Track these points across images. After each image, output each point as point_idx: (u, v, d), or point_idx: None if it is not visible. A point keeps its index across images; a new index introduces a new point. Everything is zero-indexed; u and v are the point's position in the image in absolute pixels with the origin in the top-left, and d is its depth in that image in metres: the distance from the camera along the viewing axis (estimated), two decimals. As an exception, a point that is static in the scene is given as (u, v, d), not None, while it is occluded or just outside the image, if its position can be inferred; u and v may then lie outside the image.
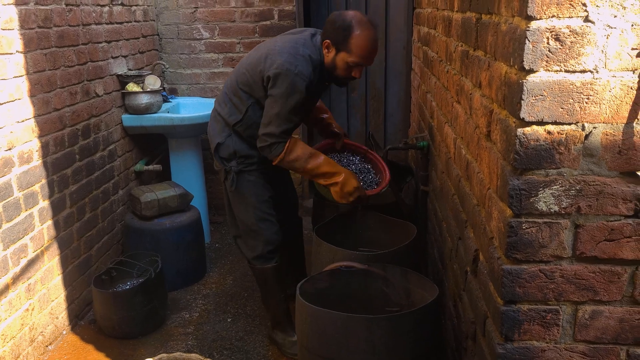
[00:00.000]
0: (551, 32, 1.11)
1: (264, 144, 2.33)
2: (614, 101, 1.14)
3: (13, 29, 2.33)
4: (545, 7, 1.10)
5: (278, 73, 2.23)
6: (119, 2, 3.35)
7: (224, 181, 2.55)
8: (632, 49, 1.11)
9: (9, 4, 2.30)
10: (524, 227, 1.24)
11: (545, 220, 1.23)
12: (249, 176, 2.50)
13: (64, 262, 2.73)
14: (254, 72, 2.35)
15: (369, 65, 2.38)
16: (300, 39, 2.36)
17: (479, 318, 1.52)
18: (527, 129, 1.18)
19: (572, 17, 1.10)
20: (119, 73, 3.33)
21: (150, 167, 3.58)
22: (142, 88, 3.39)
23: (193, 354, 1.99)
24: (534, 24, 1.11)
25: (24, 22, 2.40)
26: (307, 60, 2.28)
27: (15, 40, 2.34)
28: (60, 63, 2.68)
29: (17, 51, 2.35)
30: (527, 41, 1.12)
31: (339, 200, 2.40)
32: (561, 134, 1.17)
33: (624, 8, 1.08)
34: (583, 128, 1.17)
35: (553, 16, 1.11)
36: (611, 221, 1.21)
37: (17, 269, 2.36)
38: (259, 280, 2.68)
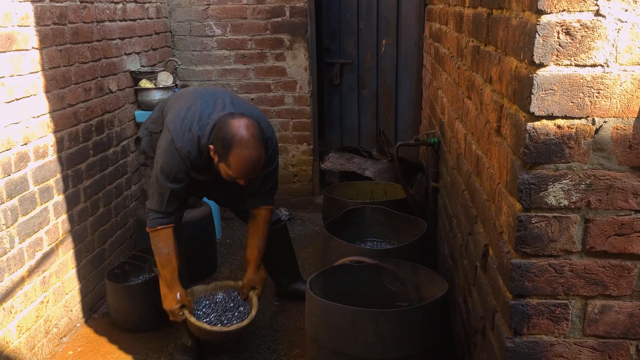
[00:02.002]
0: (561, 26, 1.11)
1: (145, 209, 2.32)
2: (624, 95, 1.14)
3: (29, 26, 2.36)
4: (555, 1, 1.10)
5: (160, 148, 2.19)
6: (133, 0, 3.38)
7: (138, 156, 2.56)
8: (643, 43, 1.11)
9: (25, 1, 2.33)
10: (533, 222, 1.24)
11: (555, 214, 1.23)
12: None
13: (78, 256, 2.77)
14: (161, 118, 2.34)
15: (248, 181, 2.21)
16: (206, 111, 2.23)
17: (489, 312, 1.52)
18: (537, 123, 1.18)
19: (582, 11, 1.10)
20: (132, 69, 3.36)
21: (163, 162, 3.61)
22: (154, 84, 3.42)
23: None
24: (544, 18, 1.12)
25: (40, 19, 2.43)
26: (192, 142, 2.17)
27: (31, 37, 2.37)
28: (74, 59, 2.71)
29: (32, 47, 2.39)
30: (537, 35, 1.12)
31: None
32: (571, 128, 1.17)
33: (635, 2, 1.08)
34: (593, 122, 1.17)
35: (564, 10, 1.11)
36: (621, 216, 1.21)
37: (33, 262, 2.40)
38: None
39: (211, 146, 2.15)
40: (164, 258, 2.33)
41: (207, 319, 2.44)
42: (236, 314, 2.50)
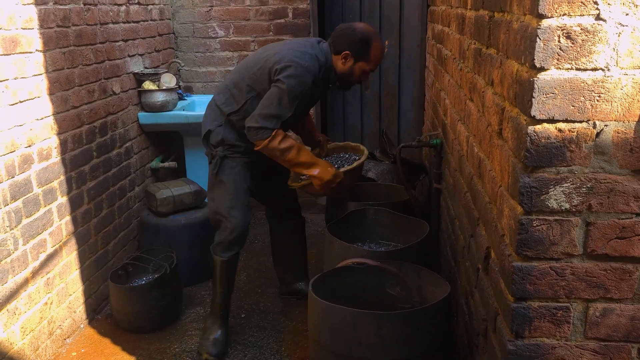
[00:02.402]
0: (562, 30, 1.12)
1: (254, 125, 2.39)
2: (625, 99, 1.14)
3: (33, 29, 2.38)
4: (556, 5, 1.10)
5: (288, 65, 2.36)
6: (136, 1, 3.39)
7: (209, 164, 2.61)
8: (644, 46, 1.11)
9: (28, 4, 2.34)
10: (534, 225, 1.24)
11: (556, 217, 1.23)
12: (232, 162, 2.56)
13: (82, 257, 2.78)
14: (262, 66, 2.45)
15: None
16: (308, 42, 2.56)
17: (490, 315, 1.52)
18: (538, 127, 1.18)
19: (583, 15, 1.10)
20: (136, 71, 3.37)
21: (166, 164, 3.63)
22: (158, 86, 3.43)
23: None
24: (545, 22, 1.12)
25: (44, 22, 2.44)
26: (314, 59, 2.44)
27: (34, 40, 2.39)
28: (78, 61, 2.73)
29: (36, 50, 2.40)
30: (538, 39, 1.13)
31: (321, 191, 2.54)
32: (572, 132, 1.17)
33: (636, 6, 1.08)
34: (594, 126, 1.17)
35: (564, 14, 1.11)
36: (622, 219, 1.22)
37: (37, 264, 2.42)
38: (211, 266, 2.66)
39: (346, 52, 2.47)
40: (294, 148, 2.45)
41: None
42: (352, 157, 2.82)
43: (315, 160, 2.50)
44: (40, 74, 2.43)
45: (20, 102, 2.30)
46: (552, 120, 1.17)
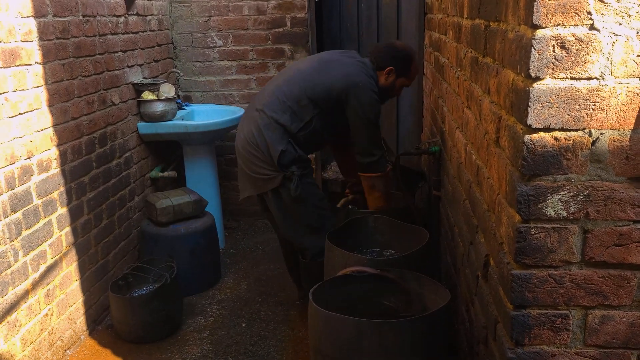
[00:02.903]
0: (557, 40, 1.13)
1: (373, 159, 2.66)
2: (620, 107, 1.15)
3: (32, 41, 2.39)
4: (550, 16, 1.12)
5: (365, 95, 2.59)
6: (135, 12, 3.41)
7: (278, 188, 2.62)
8: (638, 55, 1.12)
9: (28, 17, 2.36)
10: (532, 233, 1.25)
11: (554, 225, 1.24)
12: (308, 179, 2.67)
13: (82, 268, 2.78)
14: (331, 87, 2.60)
15: None
16: (362, 62, 2.71)
17: (490, 322, 1.53)
18: (535, 136, 1.19)
19: (577, 25, 1.12)
20: (135, 81, 3.39)
21: (166, 173, 3.64)
22: (157, 96, 3.45)
23: None
24: (539, 33, 1.13)
25: (43, 34, 2.46)
26: (374, 80, 2.67)
27: (34, 52, 2.40)
28: (77, 73, 2.74)
29: (36, 62, 2.41)
30: (533, 49, 1.14)
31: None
32: (568, 140, 1.18)
33: (629, 16, 1.10)
34: (590, 134, 1.18)
35: (558, 24, 1.12)
36: (620, 226, 1.22)
37: (37, 275, 2.42)
38: (313, 273, 2.71)
39: (390, 69, 2.68)
40: (390, 193, 2.81)
41: None
42: None
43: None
44: (40, 86, 2.44)
45: (20, 114, 2.31)
46: (548, 129, 1.18)
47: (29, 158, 2.37)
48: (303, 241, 2.78)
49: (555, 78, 1.15)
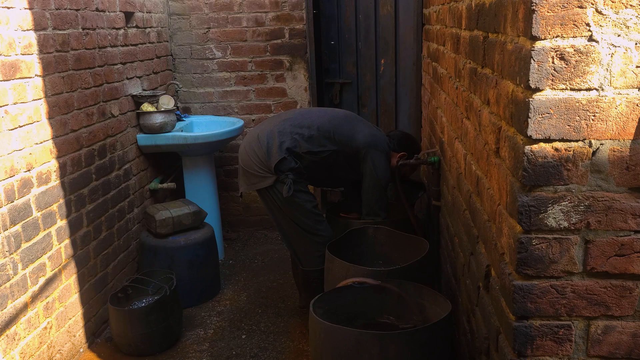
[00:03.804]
0: (556, 51, 1.13)
1: (376, 219, 2.83)
2: (620, 118, 1.16)
3: (32, 54, 2.40)
4: (549, 28, 1.12)
5: (382, 158, 2.82)
6: (134, 25, 3.43)
7: (268, 188, 2.75)
8: (637, 66, 1.12)
9: (28, 30, 2.37)
10: (534, 243, 1.25)
11: (555, 236, 1.24)
12: (300, 186, 2.75)
13: (81, 281, 2.77)
14: (354, 138, 2.82)
15: None
16: (380, 131, 3.01)
17: (492, 333, 1.52)
18: (535, 146, 1.19)
19: (576, 36, 1.12)
20: (134, 93, 3.39)
21: (165, 185, 3.63)
22: (156, 108, 3.45)
23: None
24: (538, 44, 1.14)
25: (43, 47, 2.47)
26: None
27: (34, 65, 2.41)
28: (77, 85, 2.75)
29: (36, 75, 2.42)
30: (532, 61, 1.14)
31: None
32: (568, 151, 1.19)
33: (627, 27, 1.10)
34: (590, 145, 1.18)
35: (557, 36, 1.13)
36: (621, 236, 1.22)
37: (36, 288, 2.41)
38: (312, 280, 2.85)
39: (403, 153, 2.96)
40: None
41: None
42: None
43: None
44: (40, 99, 2.45)
45: (20, 126, 2.32)
46: (548, 140, 1.19)
47: (29, 170, 2.37)
48: (298, 246, 2.87)
49: (554, 89, 1.16)
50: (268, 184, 2.72)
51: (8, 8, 2.25)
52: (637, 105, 1.15)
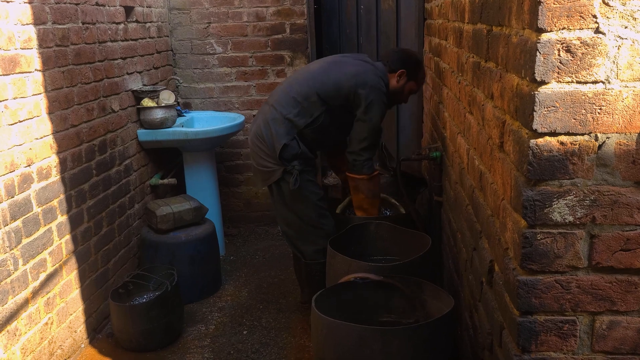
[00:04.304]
0: (562, 43, 1.12)
1: (360, 158, 2.66)
2: (626, 111, 1.14)
3: (32, 48, 2.38)
4: (555, 20, 1.11)
5: (372, 94, 2.61)
6: (134, 19, 3.41)
7: (278, 181, 2.71)
8: (644, 59, 1.11)
9: (28, 24, 2.35)
10: (538, 238, 1.24)
11: (560, 230, 1.23)
12: (308, 176, 2.71)
13: (82, 276, 2.76)
14: (340, 85, 2.64)
15: None
16: (373, 64, 2.75)
17: (496, 329, 1.51)
18: (540, 140, 1.18)
19: (582, 28, 1.11)
20: (134, 89, 3.38)
21: (165, 180, 3.62)
22: (156, 103, 3.44)
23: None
24: (544, 36, 1.12)
25: (42, 41, 2.45)
26: (384, 81, 2.69)
27: (34, 59, 2.39)
28: (77, 80, 2.73)
29: (35, 69, 2.40)
30: (538, 53, 1.13)
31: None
32: (574, 145, 1.17)
33: (635, 19, 1.09)
34: (596, 138, 1.17)
35: (563, 28, 1.11)
36: (627, 231, 1.21)
37: (37, 283, 2.40)
38: (314, 274, 2.83)
39: (403, 71, 2.72)
40: (376, 199, 2.79)
41: None
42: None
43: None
44: (40, 94, 2.43)
45: (20, 121, 2.30)
46: (554, 134, 1.17)
47: (29, 166, 2.36)
48: (300, 240, 2.85)
49: (560, 82, 1.14)
50: (277, 176, 2.69)
51: (7, 2, 2.23)
52: (644, 98, 1.13)
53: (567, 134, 1.17)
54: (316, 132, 2.69)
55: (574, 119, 1.16)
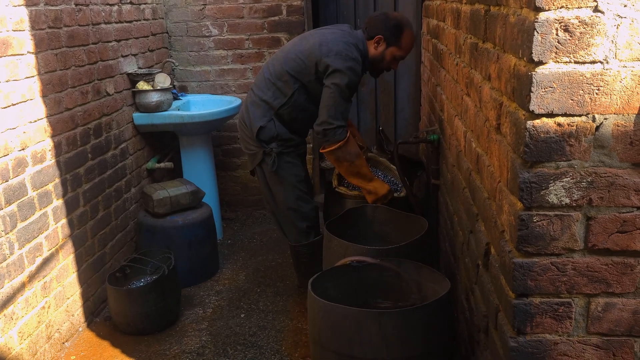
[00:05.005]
0: (560, 23, 1.10)
1: (327, 127, 2.51)
2: (624, 92, 1.13)
3: (24, 30, 2.35)
4: (553, -2, 1.09)
5: (337, 60, 2.47)
6: (128, 1, 3.36)
7: (261, 163, 2.70)
8: (643, 38, 1.09)
9: (19, 5, 2.32)
10: (534, 220, 1.23)
11: (557, 212, 1.22)
12: (288, 157, 2.68)
13: (79, 260, 2.76)
14: (306, 58, 2.54)
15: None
16: (345, 31, 2.62)
17: (491, 311, 1.51)
18: (537, 122, 1.17)
19: (581, 7, 1.09)
20: (129, 72, 3.35)
21: (162, 164, 3.61)
22: (152, 86, 3.41)
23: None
24: (542, 15, 1.10)
25: (35, 23, 2.42)
26: (357, 48, 2.55)
27: (26, 41, 2.36)
28: (70, 63, 2.70)
29: (28, 52, 2.37)
30: (535, 33, 1.11)
31: (370, 202, 2.65)
32: (571, 126, 1.16)
33: (634, -3, 1.07)
34: (594, 119, 1.15)
35: (562, 7, 1.09)
36: (623, 213, 1.20)
37: (33, 268, 2.40)
38: (301, 257, 2.84)
39: (379, 37, 2.57)
40: (358, 159, 2.60)
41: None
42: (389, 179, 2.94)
43: (372, 176, 2.65)
44: (33, 76, 2.41)
45: (13, 105, 2.28)
46: (551, 115, 1.16)
47: (23, 149, 2.34)
48: (282, 222, 2.85)
49: (558, 62, 1.13)
50: (259, 159, 2.70)
51: (-2, -17, 2.20)
52: (643, 78, 1.12)
53: (565, 115, 1.16)
54: (293, 111, 2.64)
55: (572, 99, 1.14)
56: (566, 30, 1.10)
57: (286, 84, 2.60)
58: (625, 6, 1.08)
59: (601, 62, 1.12)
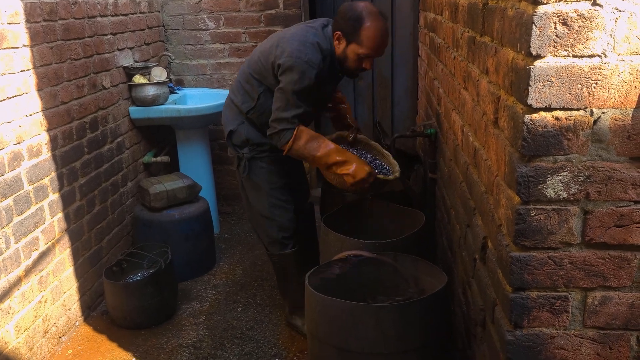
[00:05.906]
0: (558, 16, 1.10)
1: (273, 131, 2.31)
2: (622, 85, 1.13)
3: (19, 23, 2.33)
4: (552, -9, 1.08)
5: (288, 61, 2.23)
6: (124, -6, 3.34)
7: (237, 168, 2.57)
8: (641, 32, 1.09)
9: (14, -2, 2.30)
10: (532, 214, 1.23)
11: (554, 207, 1.22)
12: (261, 163, 2.51)
13: (75, 254, 2.75)
14: (265, 60, 2.36)
15: (379, 57, 2.37)
16: (311, 28, 2.36)
17: (488, 305, 1.52)
18: (535, 115, 1.16)
19: (579, 0, 1.09)
20: (125, 65, 3.33)
21: (159, 158, 3.60)
22: (148, 80, 3.39)
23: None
24: (540, 9, 1.10)
25: (30, 16, 2.40)
26: (315, 48, 2.26)
27: (21, 34, 2.34)
28: (66, 56, 2.68)
29: (23, 45, 2.36)
30: (534, 26, 1.11)
31: (352, 189, 2.39)
32: (569, 120, 1.16)
33: (633, -9, 1.07)
34: (591, 113, 1.15)
35: (560, 0, 1.09)
36: (620, 207, 1.20)
37: (29, 262, 2.39)
38: (275, 266, 2.69)
39: (338, 33, 2.27)
40: (322, 146, 2.31)
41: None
42: (377, 163, 2.60)
43: (349, 156, 2.33)
44: (28, 70, 2.39)
45: (8, 98, 2.27)
46: (549, 109, 1.16)
47: (19, 143, 2.33)
48: (257, 229, 2.69)
49: (556, 56, 1.12)
50: (236, 162, 2.57)
51: (-8, -25, 2.18)
52: (641, 72, 1.11)
53: (562, 109, 1.15)
54: (262, 115, 2.43)
55: (570, 93, 1.14)
56: (564, 23, 1.10)
57: (252, 87, 2.43)
58: (623, 0, 1.07)
59: (599, 56, 1.11)
